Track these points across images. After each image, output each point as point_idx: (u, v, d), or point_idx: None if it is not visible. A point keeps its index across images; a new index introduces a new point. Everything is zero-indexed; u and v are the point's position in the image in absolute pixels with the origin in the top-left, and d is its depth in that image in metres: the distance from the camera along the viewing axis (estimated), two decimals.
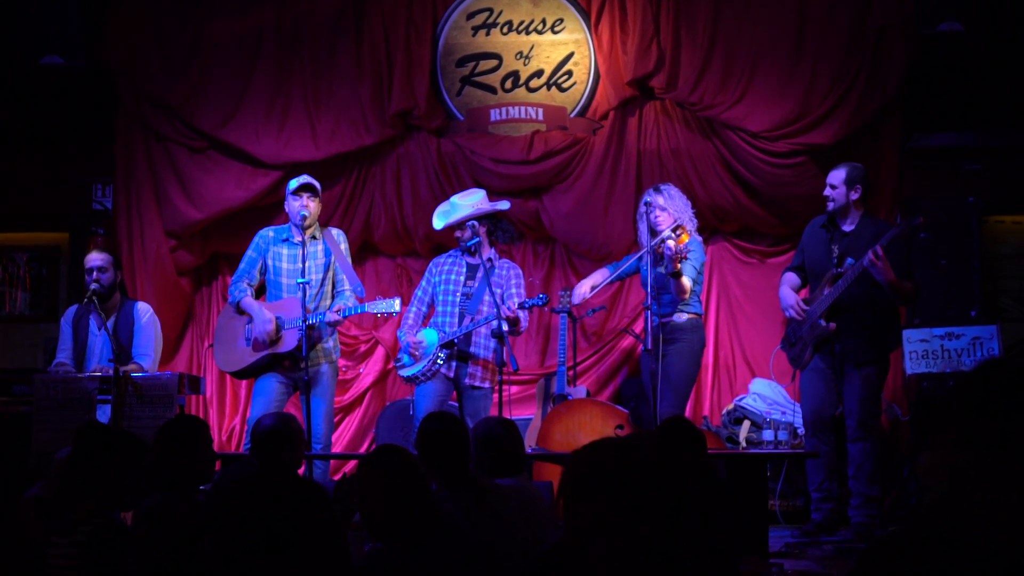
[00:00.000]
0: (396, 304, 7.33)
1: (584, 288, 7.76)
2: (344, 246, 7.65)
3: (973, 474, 2.52)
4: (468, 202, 7.64)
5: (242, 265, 7.71)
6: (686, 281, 7.32)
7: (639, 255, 7.38)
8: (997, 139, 9.21)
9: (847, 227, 7.40)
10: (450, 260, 7.79)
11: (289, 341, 7.35)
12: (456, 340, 7.48)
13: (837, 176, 7.36)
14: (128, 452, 4.32)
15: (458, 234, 7.61)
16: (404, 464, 3.79)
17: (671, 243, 7.18)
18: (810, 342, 7.33)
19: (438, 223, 7.70)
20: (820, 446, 7.27)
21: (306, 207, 7.46)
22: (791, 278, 7.63)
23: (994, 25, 8.34)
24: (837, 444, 7.36)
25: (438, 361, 7.47)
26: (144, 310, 7.65)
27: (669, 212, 7.45)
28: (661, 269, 7.37)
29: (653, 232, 7.38)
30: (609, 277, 7.77)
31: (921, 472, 2.60)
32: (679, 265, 7.18)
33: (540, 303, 7.37)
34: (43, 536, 4.00)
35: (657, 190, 7.58)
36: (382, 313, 7.40)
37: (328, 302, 7.54)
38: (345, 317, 7.50)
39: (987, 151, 9.29)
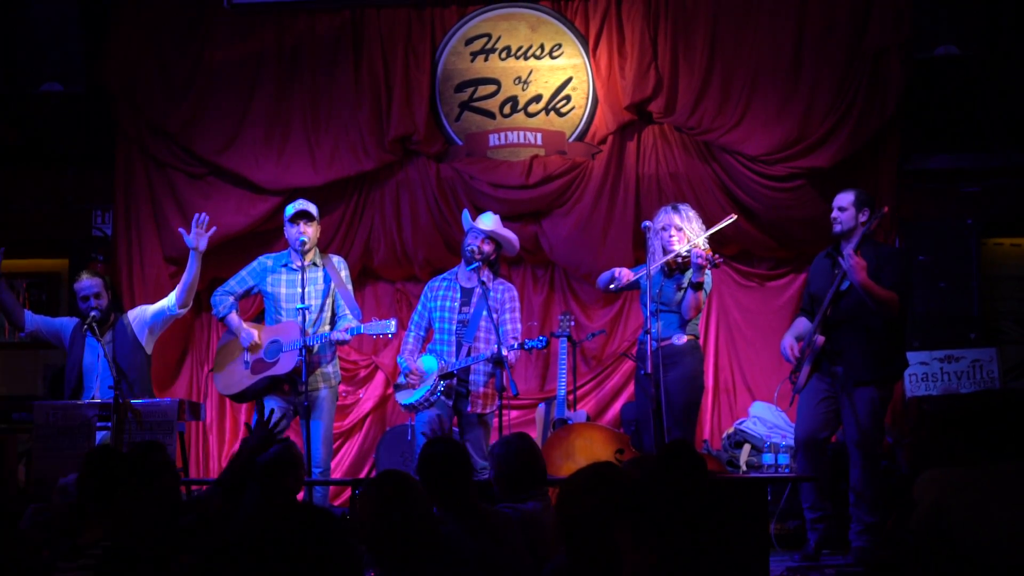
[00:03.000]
0: (392, 325, 7.39)
1: (627, 272, 7.53)
2: (344, 273, 7.70)
3: (961, 488, 2.56)
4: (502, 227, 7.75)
5: (232, 281, 7.76)
6: (703, 296, 7.30)
7: (655, 266, 7.29)
8: (995, 161, 9.20)
9: (849, 251, 7.31)
10: (444, 284, 7.82)
11: (286, 363, 7.39)
12: (455, 371, 7.51)
13: (846, 198, 7.32)
14: (134, 476, 4.33)
15: (486, 248, 7.60)
16: (406, 488, 3.79)
17: (700, 244, 7.19)
18: (807, 360, 7.26)
19: (487, 222, 7.67)
20: (808, 468, 7.23)
21: (303, 233, 7.52)
22: (798, 325, 7.52)
23: (991, 48, 8.37)
24: (829, 464, 7.35)
25: (438, 391, 7.49)
26: (133, 316, 7.67)
27: (684, 233, 7.39)
28: (686, 283, 7.28)
29: (666, 252, 7.34)
30: (636, 275, 7.49)
31: (915, 491, 2.64)
32: (704, 277, 7.14)
33: (540, 346, 7.44)
34: (47, 561, 4.00)
35: (675, 209, 7.50)
36: (378, 334, 7.46)
37: (327, 328, 7.57)
38: (351, 336, 7.53)
39: (985, 173, 9.27)
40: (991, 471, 3.01)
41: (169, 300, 7.69)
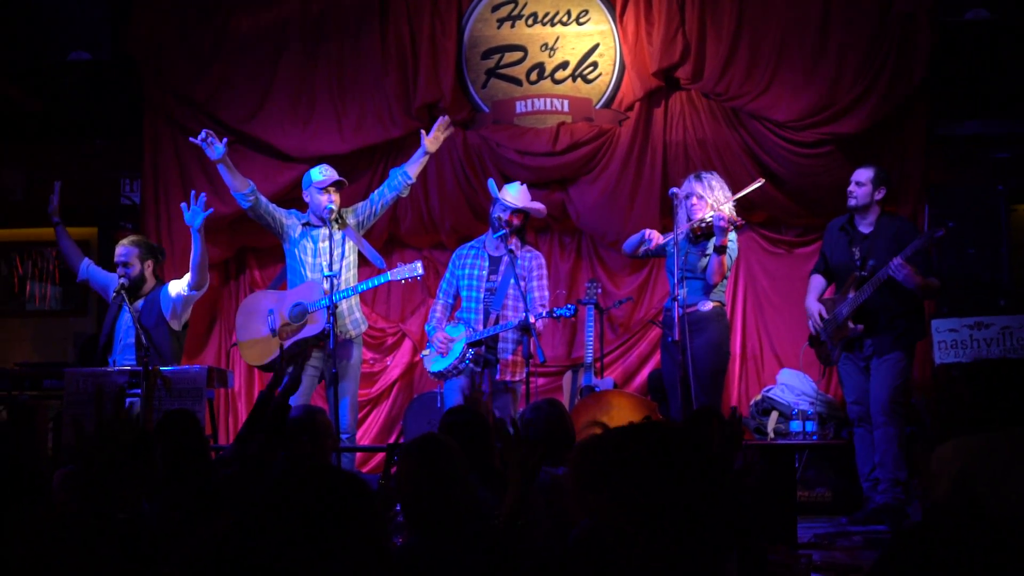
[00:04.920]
0: (419, 267, 7.44)
1: (657, 235, 7.63)
2: (358, 219, 7.75)
3: (985, 454, 2.56)
4: (530, 200, 7.77)
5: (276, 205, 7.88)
6: (727, 260, 7.33)
7: (681, 232, 7.32)
8: None
9: (865, 228, 7.56)
10: (472, 252, 7.86)
11: (313, 325, 7.44)
12: (483, 339, 7.55)
13: (865, 174, 7.51)
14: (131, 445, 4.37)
15: (515, 221, 7.63)
16: (447, 453, 3.83)
17: (725, 211, 7.22)
18: (839, 343, 7.49)
19: (514, 194, 7.69)
20: (867, 436, 7.45)
21: (333, 201, 7.58)
22: (817, 283, 7.78)
23: (1021, 11, 8.36)
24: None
25: (466, 359, 7.53)
26: (167, 288, 7.71)
27: (706, 201, 7.41)
28: (710, 248, 7.31)
29: (690, 220, 7.38)
30: (665, 239, 7.56)
31: (934, 462, 2.65)
32: (727, 239, 7.17)
33: (568, 314, 7.45)
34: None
35: (698, 178, 7.53)
36: (406, 279, 7.47)
37: (352, 273, 7.65)
38: (380, 283, 7.63)
39: (1015, 139, 9.27)
40: (1013, 435, 3.00)
41: (183, 282, 7.70)
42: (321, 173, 7.63)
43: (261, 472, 4.64)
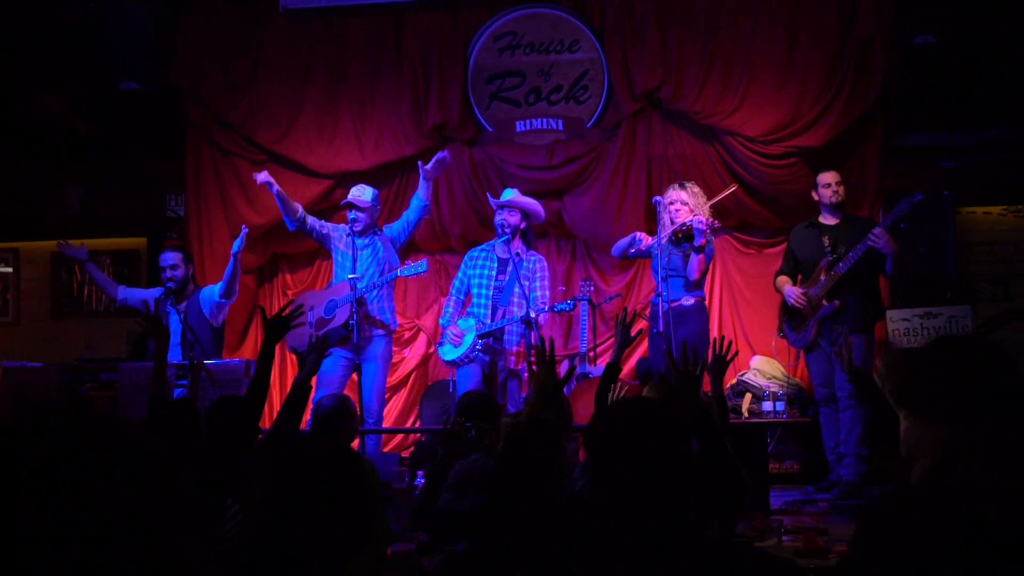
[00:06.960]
0: (423, 264, 7.98)
1: (646, 237, 8.06)
2: (393, 235, 8.36)
3: (955, 449, 2.57)
4: (521, 196, 8.27)
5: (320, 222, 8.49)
6: (705, 259, 7.70)
7: (665, 235, 7.73)
8: (968, 139, 9.53)
9: (831, 222, 8.00)
10: (483, 255, 8.31)
11: (341, 316, 8.01)
12: (491, 331, 8.03)
13: (837, 176, 8.02)
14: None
15: (513, 220, 8.10)
16: (550, 431, 4.08)
17: (703, 215, 7.62)
18: (814, 322, 7.89)
19: (507, 195, 8.20)
20: (832, 414, 7.89)
21: (353, 218, 8.27)
22: (787, 279, 8.16)
23: (963, 38, 8.62)
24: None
25: (476, 348, 8.02)
26: (205, 293, 8.23)
27: (690, 207, 7.80)
28: (690, 249, 7.71)
29: (673, 224, 7.78)
30: (653, 241, 7.95)
31: (904, 444, 2.69)
32: (705, 240, 7.57)
33: (568, 308, 7.97)
34: None
35: (682, 186, 7.90)
36: (412, 275, 8.01)
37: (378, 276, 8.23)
38: (386, 281, 8.15)
39: (959, 150, 9.58)
40: (989, 434, 2.70)
41: (215, 290, 8.16)
42: (348, 197, 8.31)
43: (281, 448, 4.56)
